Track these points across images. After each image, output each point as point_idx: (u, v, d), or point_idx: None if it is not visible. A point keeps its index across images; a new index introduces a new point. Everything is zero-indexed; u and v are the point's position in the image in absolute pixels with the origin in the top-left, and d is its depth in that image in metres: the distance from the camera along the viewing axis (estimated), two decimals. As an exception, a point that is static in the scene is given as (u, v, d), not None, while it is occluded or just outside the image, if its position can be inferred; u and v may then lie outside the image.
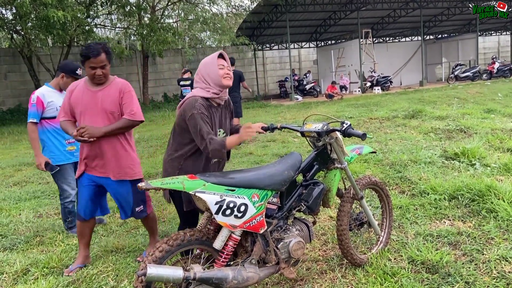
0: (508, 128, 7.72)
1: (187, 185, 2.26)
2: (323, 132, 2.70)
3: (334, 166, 2.85)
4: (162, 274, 2.16)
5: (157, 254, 2.26)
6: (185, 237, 2.35)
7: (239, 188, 2.39)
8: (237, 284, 2.35)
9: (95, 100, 3.12)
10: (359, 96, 20.11)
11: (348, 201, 2.95)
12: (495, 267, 2.79)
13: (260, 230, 2.44)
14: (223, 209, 2.29)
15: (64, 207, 4.04)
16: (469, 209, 3.78)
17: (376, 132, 8.27)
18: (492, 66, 24.57)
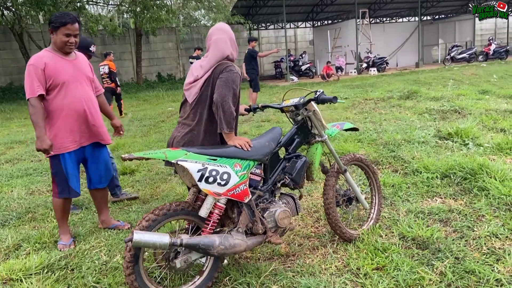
0: (502, 109, 7.74)
1: (169, 155, 2.30)
2: (300, 104, 2.81)
3: (315, 140, 2.94)
4: (149, 240, 2.20)
5: (144, 223, 2.29)
6: (171, 207, 2.38)
7: (221, 158, 2.43)
8: (224, 250, 2.38)
9: (77, 69, 3.17)
10: (354, 77, 20.02)
11: (333, 175, 2.99)
12: (485, 243, 2.82)
13: (244, 199, 2.49)
14: (205, 176, 2.33)
15: None
16: (461, 187, 3.80)
17: (371, 113, 8.25)
18: (488, 47, 24.50)
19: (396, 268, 2.59)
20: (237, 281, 2.54)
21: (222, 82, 2.51)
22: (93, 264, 2.82)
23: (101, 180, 3.40)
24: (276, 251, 2.96)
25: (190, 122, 2.63)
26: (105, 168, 3.42)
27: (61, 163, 3.13)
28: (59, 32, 3.01)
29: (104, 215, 3.53)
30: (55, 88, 3.05)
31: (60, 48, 3.08)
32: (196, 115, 2.62)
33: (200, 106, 2.61)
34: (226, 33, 2.69)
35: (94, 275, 2.67)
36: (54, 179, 3.20)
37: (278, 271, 2.65)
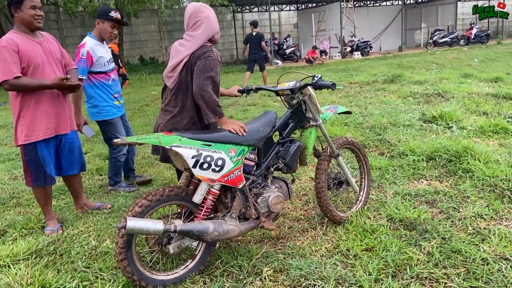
0: (484, 92, 7.86)
1: (163, 140, 2.27)
2: (296, 88, 2.77)
3: (309, 124, 2.92)
4: (142, 227, 2.18)
5: (137, 209, 2.26)
6: (164, 192, 2.36)
7: (216, 143, 2.41)
8: (218, 236, 2.38)
9: (48, 51, 3.08)
10: (339, 61, 20.04)
11: (325, 159, 3.00)
12: (471, 224, 2.89)
13: (238, 185, 2.47)
14: (200, 163, 2.31)
15: (116, 161, 3.97)
16: (446, 169, 3.87)
17: (356, 96, 8.30)
18: (469, 32, 24.75)
19: (384, 249, 2.64)
20: (229, 264, 2.56)
21: (199, 71, 2.45)
22: (82, 249, 2.80)
23: (74, 167, 3.33)
24: (266, 234, 2.98)
25: (171, 109, 2.59)
26: (79, 154, 3.36)
27: (37, 150, 3.03)
28: (23, 7, 2.88)
29: (82, 199, 3.50)
30: (28, 71, 2.93)
31: (29, 24, 2.93)
32: (178, 102, 2.57)
33: (181, 93, 2.56)
34: (212, 11, 2.64)
35: (84, 260, 2.65)
36: (27, 167, 3.08)
37: (269, 253, 2.67)
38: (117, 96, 3.90)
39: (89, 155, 5.39)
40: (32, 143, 3.00)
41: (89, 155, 5.38)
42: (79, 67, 3.55)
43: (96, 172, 4.62)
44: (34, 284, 2.32)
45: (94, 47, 3.69)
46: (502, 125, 5.11)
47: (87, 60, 3.62)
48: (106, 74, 3.80)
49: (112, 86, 3.86)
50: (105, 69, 3.78)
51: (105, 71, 3.78)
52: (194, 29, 2.57)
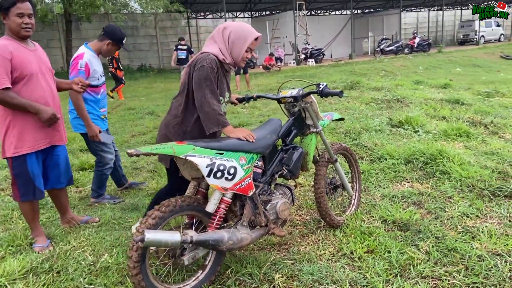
0: (438, 98, 8.36)
1: (177, 150, 2.24)
2: (299, 96, 2.81)
3: (309, 131, 2.97)
4: (160, 239, 2.13)
5: (151, 221, 2.20)
6: (177, 203, 2.31)
7: (227, 152, 2.41)
8: (233, 245, 2.37)
9: (41, 61, 2.95)
10: (294, 67, 20.47)
11: (324, 164, 3.07)
12: (459, 223, 3.07)
13: (249, 193, 2.49)
14: (214, 171, 2.30)
15: (102, 174, 3.84)
16: (424, 172, 4.08)
17: (321, 103, 8.51)
18: (413, 41, 26.21)
19: (386, 250, 2.74)
20: (239, 273, 2.54)
21: (196, 84, 2.47)
22: (80, 265, 2.66)
23: (61, 180, 3.19)
24: (268, 240, 2.99)
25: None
26: (66, 167, 3.22)
27: (26, 163, 2.86)
28: (10, 14, 2.72)
29: (69, 212, 3.36)
30: (21, 80, 2.76)
31: (17, 33, 2.77)
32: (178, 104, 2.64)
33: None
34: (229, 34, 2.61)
35: (84, 277, 2.52)
36: (15, 181, 2.90)
37: (277, 260, 2.69)
38: (104, 110, 3.81)
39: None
40: (22, 155, 2.82)
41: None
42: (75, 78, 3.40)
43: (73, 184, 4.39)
44: (39, 305, 2.18)
45: (91, 59, 3.57)
46: (464, 128, 5.47)
47: (85, 72, 3.50)
48: (97, 87, 3.68)
49: (101, 100, 3.74)
50: (97, 83, 3.66)
51: (96, 85, 3.66)
52: None
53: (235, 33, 2.57)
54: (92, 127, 3.51)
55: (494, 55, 23.82)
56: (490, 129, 5.83)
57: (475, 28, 30.66)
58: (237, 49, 2.57)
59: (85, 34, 22.70)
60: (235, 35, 2.57)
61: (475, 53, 24.06)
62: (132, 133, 6.96)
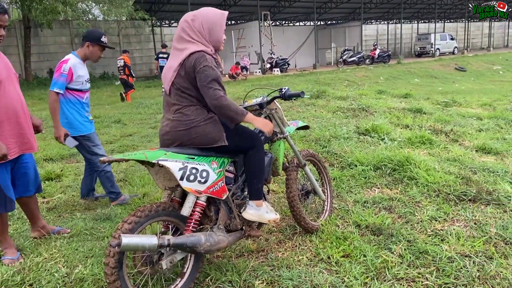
0: (400, 107, 8.69)
1: (149, 155, 2.26)
2: (264, 103, 2.90)
3: (277, 138, 3.05)
4: (137, 243, 2.12)
5: (127, 226, 2.19)
6: (152, 208, 2.31)
7: (198, 156, 2.44)
8: (210, 247, 2.37)
9: (8, 67, 2.89)
10: (260, 77, 20.66)
11: (293, 169, 3.15)
12: (428, 226, 3.19)
13: (222, 196, 2.52)
14: (187, 175, 2.33)
15: (105, 173, 3.84)
16: (393, 178, 4.23)
17: (290, 111, 8.63)
18: (374, 52, 27.12)
19: (361, 254, 2.81)
20: (219, 280, 2.53)
21: (205, 84, 2.36)
22: (53, 277, 2.56)
23: (30, 188, 3.09)
24: (245, 247, 2.99)
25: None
26: (35, 174, 3.13)
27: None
28: None
29: (40, 221, 3.24)
30: None
31: None
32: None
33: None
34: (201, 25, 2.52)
35: (58, 290, 2.44)
36: None
37: (255, 266, 2.70)
38: (88, 114, 3.84)
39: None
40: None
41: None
42: (57, 82, 3.51)
43: (38, 194, 4.21)
44: (12, 321, 2.08)
45: (76, 65, 3.65)
46: (427, 136, 5.71)
47: (68, 76, 3.56)
48: (82, 92, 3.73)
49: (85, 104, 3.79)
50: (82, 87, 3.73)
51: (81, 89, 3.72)
52: None
53: (208, 21, 2.48)
54: (58, 128, 3.57)
55: (449, 67, 25.03)
56: (451, 136, 6.11)
57: (431, 41, 32.12)
58: (215, 36, 2.50)
59: (44, 41, 22.01)
60: (209, 23, 2.48)
61: (432, 64, 25.18)
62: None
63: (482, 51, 37.91)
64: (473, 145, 5.51)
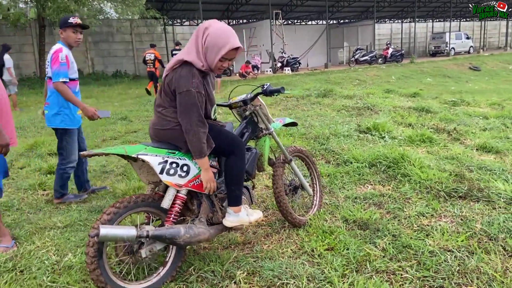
0: (406, 106, 8.64)
1: (129, 150, 2.33)
2: (248, 99, 2.97)
3: (262, 134, 3.11)
4: (116, 234, 2.20)
5: (105, 217, 2.28)
6: (131, 199, 2.40)
7: (179, 151, 2.50)
8: (190, 239, 2.44)
9: None
10: (271, 76, 20.69)
11: (280, 165, 3.20)
12: (415, 222, 3.21)
13: (204, 190, 2.56)
14: (166, 169, 2.39)
15: (64, 172, 3.86)
16: (387, 175, 4.24)
17: (294, 109, 8.68)
18: (386, 51, 26.92)
19: (345, 247, 2.85)
20: (202, 270, 2.60)
21: (182, 109, 2.38)
22: (43, 264, 2.67)
23: None
24: (232, 240, 3.06)
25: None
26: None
27: None
28: None
29: None
30: None
31: None
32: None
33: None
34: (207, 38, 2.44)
35: (47, 275, 2.54)
36: None
37: (239, 257, 2.76)
38: None
39: (26, 170, 5.07)
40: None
41: (26, 170, 5.07)
42: (60, 71, 3.56)
43: (39, 187, 4.37)
44: (0, 302, 2.19)
45: (69, 53, 3.72)
46: (427, 135, 5.70)
47: (67, 64, 3.64)
48: (74, 81, 3.79)
49: (77, 94, 3.83)
50: (75, 76, 3.80)
51: (74, 78, 3.78)
52: None
53: (212, 39, 2.39)
54: (87, 109, 3.69)
55: (463, 66, 24.70)
56: (453, 135, 6.08)
57: (446, 40, 31.72)
58: (210, 56, 2.42)
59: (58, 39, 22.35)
60: (211, 41, 2.39)
61: (446, 64, 24.87)
62: (103, 138, 6.93)
63: (499, 50, 37.29)
64: (474, 144, 5.47)
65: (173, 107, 2.48)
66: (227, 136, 2.66)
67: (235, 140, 2.68)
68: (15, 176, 4.90)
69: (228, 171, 2.65)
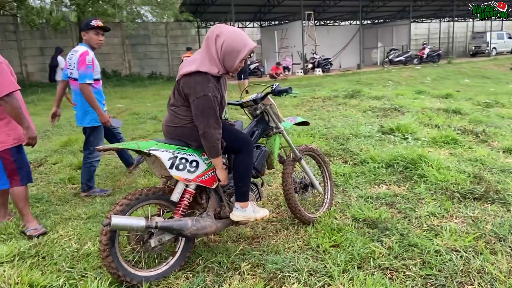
0: (436, 107, 8.47)
1: (141, 145, 2.49)
2: (258, 98, 3.07)
3: (273, 132, 3.21)
4: (126, 223, 2.35)
5: (118, 207, 2.44)
6: (143, 192, 2.54)
7: (189, 148, 2.63)
8: (196, 231, 2.57)
9: None
10: (301, 77, 20.68)
11: (290, 163, 3.28)
12: (425, 222, 3.21)
13: (212, 185, 2.70)
14: (176, 164, 2.53)
15: (91, 166, 4.16)
16: (403, 175, 4.23)
17: (319, 110, 8.70)
18: (422, 51, 26.27)
19: (350, 244, 2.90)
20: (209, 261, 2.73)
21: (199, 112, 2.48)
22: (64, 251, 2.88)
23: None
24: (242, 234, 3.17)
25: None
26: None
27: (22, 151, 3.26)
28: None
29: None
30: None
31: None
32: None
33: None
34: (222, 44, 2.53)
35: (67, 261, 2.74)
36: (15, 168, 3.20)
37: (246, 250, 2.87)
38: (104, 103, 4.21)
39: (58, 165, 5.39)
40: (19, 145, 3.20)
41: (59, 165, 5.39)
42: (86, 73, 3.82)
43: (69, 181, 4.65)
44: (22, 283, 2.39)
45: (94, 55, 4.00)
46: (452, 136, 5.60)
47: (93, 67, 3.91)
48: (98, 81, 4.08)
49: (101, 93, 4.13)
50: (98, 76, 4.07)
51: (98, 79, 4.06)
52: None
53: (229, 45, 2.49)
54: (103, 115, 4.00)
55: (504, 67, 23.71)
56: (481, 137, 5.93)
57: (486, 39, 30.56)
58: (230, 61, 2.53)
59: (98, 42, 23.27)
60: (229, 47, 2.49)
61: (485, 64, 23.97)
62: (132, 136, 7.22)
63: (544, 50, 35.45)
64: (501, 146, 5.33)
65: (185, 106, 2.62)
66: (236, 134, 2.78)
67: (244, 138, 2.79)
68: (48, 171, 5.23)
69: (236, 168, 2.76)
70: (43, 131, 8.03)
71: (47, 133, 7.94)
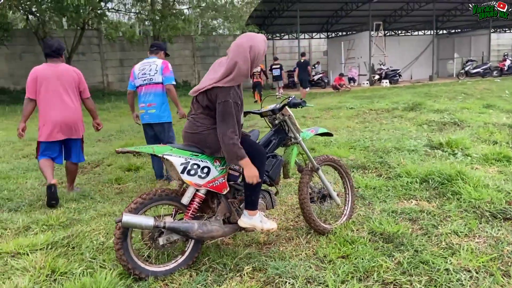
0: (501, 123, 7.90)
1: (156, 149, 2.67)
2: (277, 109, 3.16)
3: (291, 142, 3.27)
4: (135, 222, 2.56)
5: (133, 206, 2.65)
6: (156, 193, 2.73)
7: (202, 154, 2.77)
8: (202, 234, 2.71)
9: None
10: (366, 88, 20.24)
11: (307, 173, 3.31)
12: (445, 240, 3.08)
13: (223, 191, 2.82)
14: (187, 169, 2.68)
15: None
16: (437, 191, 4.06)
17: (372, 122, 8.51)
18: (503, 63, 24.47)
19: (358, 257, 2.87)
20: (214, 261, 2.86)
21: (220, 117, 2.63)
22: (92, 243, 3.18)
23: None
24: (254, 239, 3.27)
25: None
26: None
27: None
28: None
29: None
30: None
31: None
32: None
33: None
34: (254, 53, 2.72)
35: (91, 253, 3.03)
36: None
37: (253, 255, 2.96)
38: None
39: (111, 167, 5.87)
40: None
41: (112, 167, 5.87)
42: (172, 77, 4.94)
43: (115, 181, 5.07)
44: (45, 268, 2.71)
45: None
46: (505, 153, 5.22)
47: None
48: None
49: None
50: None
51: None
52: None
53: (257, 49, 2.70)
54: (182, 109, 5.07)
55: None
56: (543, 156, 5.46)
57: None
58: (257, 63, 2.75)
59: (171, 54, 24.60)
60: (259, 52, 2.72)
61: None
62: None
63: None
64: (562, 166, 4.88)
65: (203, 114, 2.80)
66: (250, 145, 2.88)
67: (257, 150, 2.88)
68: (101, 171, 5.73)
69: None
70: (108, 135, 8.75)
71: (110, 137, 8.64)
